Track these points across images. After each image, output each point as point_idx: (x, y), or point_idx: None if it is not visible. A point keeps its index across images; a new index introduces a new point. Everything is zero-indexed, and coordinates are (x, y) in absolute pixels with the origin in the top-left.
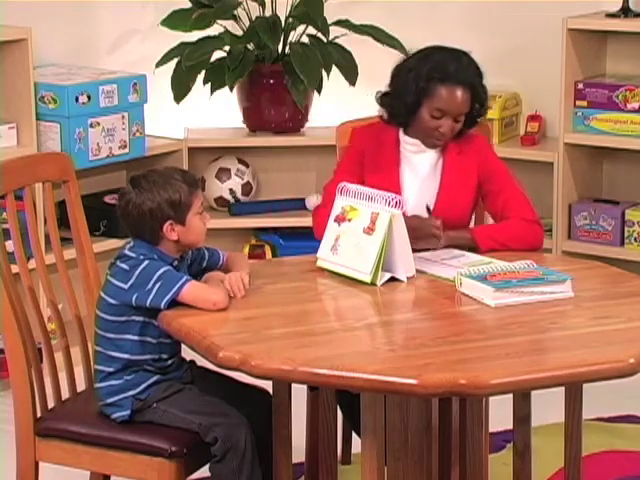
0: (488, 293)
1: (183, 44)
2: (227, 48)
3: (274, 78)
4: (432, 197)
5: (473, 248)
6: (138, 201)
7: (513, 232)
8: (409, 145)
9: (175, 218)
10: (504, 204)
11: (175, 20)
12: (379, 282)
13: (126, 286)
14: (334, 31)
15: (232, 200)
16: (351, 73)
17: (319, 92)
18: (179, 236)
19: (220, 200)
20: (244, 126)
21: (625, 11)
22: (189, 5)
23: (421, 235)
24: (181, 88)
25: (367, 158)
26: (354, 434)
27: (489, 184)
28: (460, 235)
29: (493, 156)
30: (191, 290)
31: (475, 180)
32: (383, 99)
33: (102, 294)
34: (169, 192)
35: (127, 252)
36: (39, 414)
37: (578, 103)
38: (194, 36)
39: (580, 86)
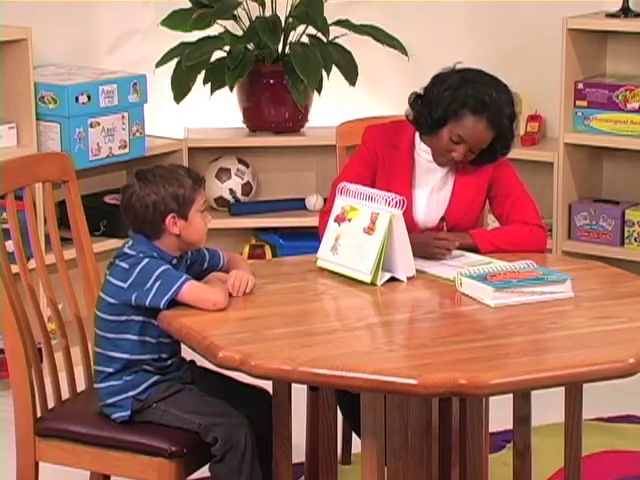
0: (488, 293)
1: (183, 44)
2: (227, 48)
3: (274, 78)
4: (443, 206)
5: (474, 250)
6: (142, 193)
7: (513, 237)
8: (423, 152)
9: (178, 212)
10: (510, 207)
11: (175, 20)
12: (379, 282)
13: (125, 285)
14: (334, 31)
15: (232, 200)
16: (351, 73)
17: (319, 92)
18: (180, 231)
19: (220, 200)
20: (244, 126)
21: (625, 11)
22: (189, 5)
23: (423, 250)
24: (181, 88)
25: (381, 162)
26: (354, 434)
27: (497, 188)
28: (461, 239)
29: (506, 163)
30: (190, 290)
31: (486, 188)
32: (414, 102)
33: (101, 294)
34: (174, 186)
35: (126, 250)
36: (39, 414)
37: (578, 103)
38: (194, 36)
39: (580, 86)
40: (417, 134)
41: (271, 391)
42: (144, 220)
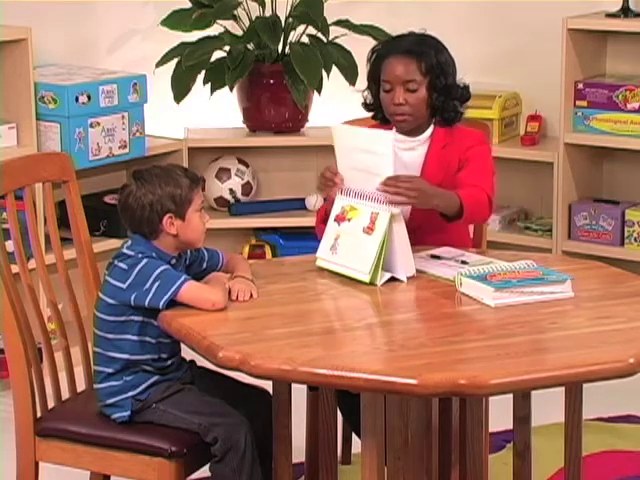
0: (488, 293)
1: (183, 44)
2: (227, 48)
3: (274, 78)
4: None
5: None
6: (139, 194)
7: (479, 200)
8: (399, 142)
9: (175, 212)
10: (465, 174)
11: (175, 20)
12: (379, 282)
13: (124, 285)
14: (334, 31)
15: (232, 200)
16: (351, 73)
17: (319, 92)
18: (178, 231)
19: (220, 200)
20: (244, 126)
21: (625, 11)
22: (189, 5)
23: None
24: (181, 88)
25: None
26: (354, 434)
27: (464, 165)
28: (448, 197)
29: (478, 149)
30: (190, 290)
31: (454, 171)
32: (363, 94)
33: (100, 295)
34: (171, 186)
35: (125, 250)
36: (39, 414)
37: (578, 103)
38: (194, 36)
39: (580, 86)
40: (394, 128)
41: (271, 391)
42: (141, 220)
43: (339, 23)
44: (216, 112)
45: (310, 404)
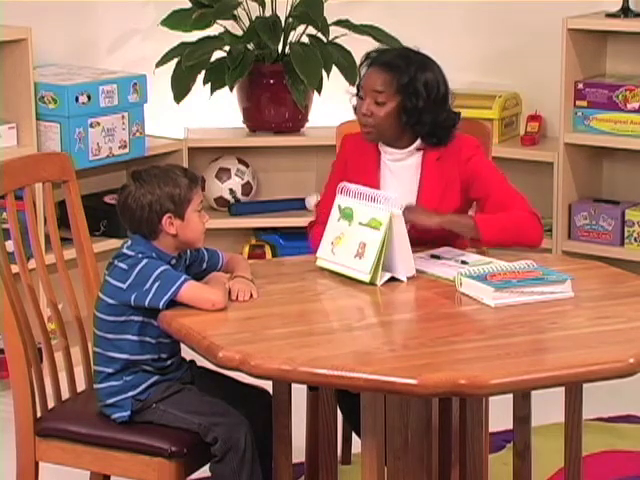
0: (488, 293)
1: (183, 44)
2: (227, 48)
3: (274, 78)
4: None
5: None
6: (138, 194)
7: (515, 222)
8: (388, 154)
9: (174, 212)
10: (498, 206)
11: (175, 20)
12: (379, 282)
13: (124, 286)
14: (334, 31)
15: (232, 200)
16: (351, 73)
17: (319, 92)
18: (177, 231)
19: (220, 200)
20: (244, 126)
21: (625, 11)
22: (189, 5)
23: None
24: (181, 88)
25: (349, 164)
26: (354, 434)
27: (475, 190)
28: (462, 221)
29: (477, 158)
30: (190, 290)
31: (458, 186)
32: (350, 100)
33: (100, 295)
34: (169, 186)
35: (125, 251)
36: (39, 414)
37: (578, 103)
38: (194, 36)
39: (580, 86)
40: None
41: (271, 391)
42: (140, 220)
43: (339, 23)
44: (216, 112)
45: (310, 404)
